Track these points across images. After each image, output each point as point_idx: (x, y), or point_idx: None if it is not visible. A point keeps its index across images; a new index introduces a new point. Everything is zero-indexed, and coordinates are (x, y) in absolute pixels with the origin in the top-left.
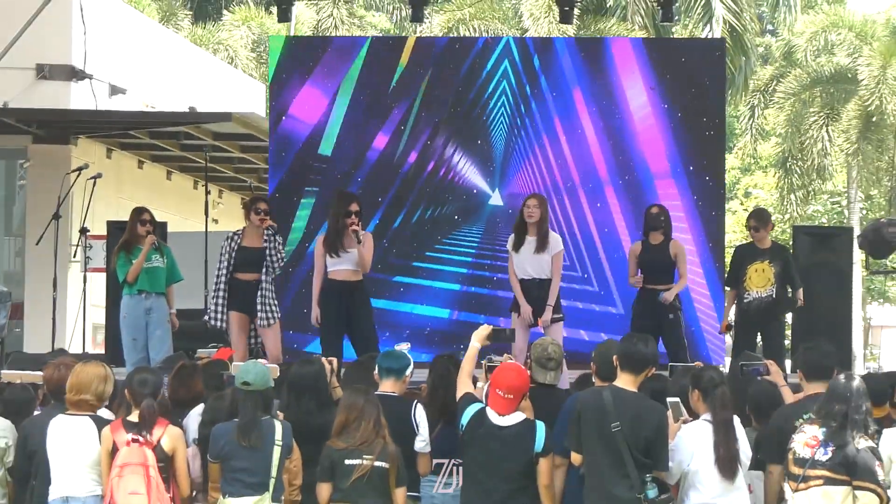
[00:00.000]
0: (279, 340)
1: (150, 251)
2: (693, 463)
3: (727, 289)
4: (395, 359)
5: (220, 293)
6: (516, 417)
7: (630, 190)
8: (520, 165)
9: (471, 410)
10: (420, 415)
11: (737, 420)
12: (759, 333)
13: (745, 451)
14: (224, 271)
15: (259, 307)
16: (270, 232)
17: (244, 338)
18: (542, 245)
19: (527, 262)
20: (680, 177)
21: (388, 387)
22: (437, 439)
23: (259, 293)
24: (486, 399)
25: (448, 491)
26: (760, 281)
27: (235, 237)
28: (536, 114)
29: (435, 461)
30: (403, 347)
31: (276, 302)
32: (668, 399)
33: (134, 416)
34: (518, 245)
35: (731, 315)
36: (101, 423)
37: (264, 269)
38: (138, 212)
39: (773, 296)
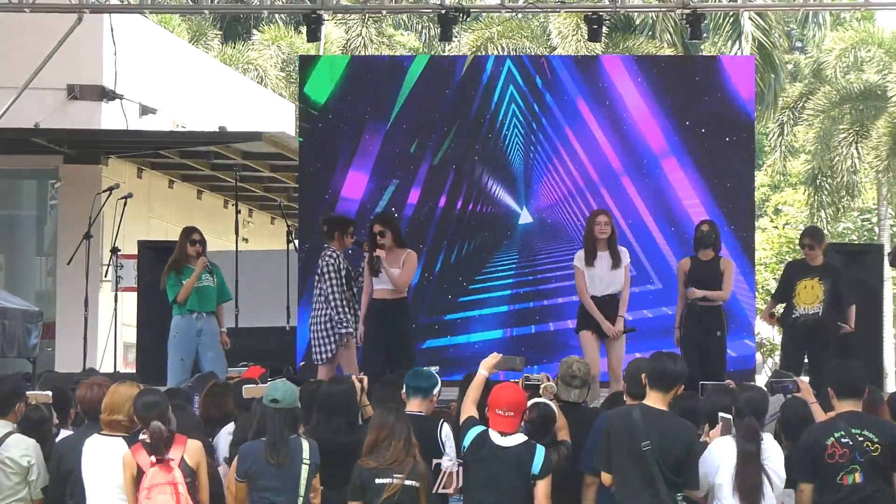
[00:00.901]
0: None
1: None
2: (718, 476)
3: (769, 300)
4: (422, 378)
5: (353, 309)
6: (517, 438)
7: (661, 213)
8: (542, 177)
9: (473, 432)
10: (447, 434)
11: (773, 440)
12: (806, 352)
13: (779, 473)
14: (344, 288)
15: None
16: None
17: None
18: (616, 261)
19: (600, 279)
20: (708, 195)
21: (414, 406)
22: None
23: (356, 310)
24: (487, 423)
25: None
26: (808, 298)
27: (340, 256)
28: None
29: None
30: (431, 368)
31: None
32: (721, 414)
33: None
34: (590, 261)
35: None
36: (134, 443)
37: (354, 289)
38: (188, 231)
39: (820, 314)
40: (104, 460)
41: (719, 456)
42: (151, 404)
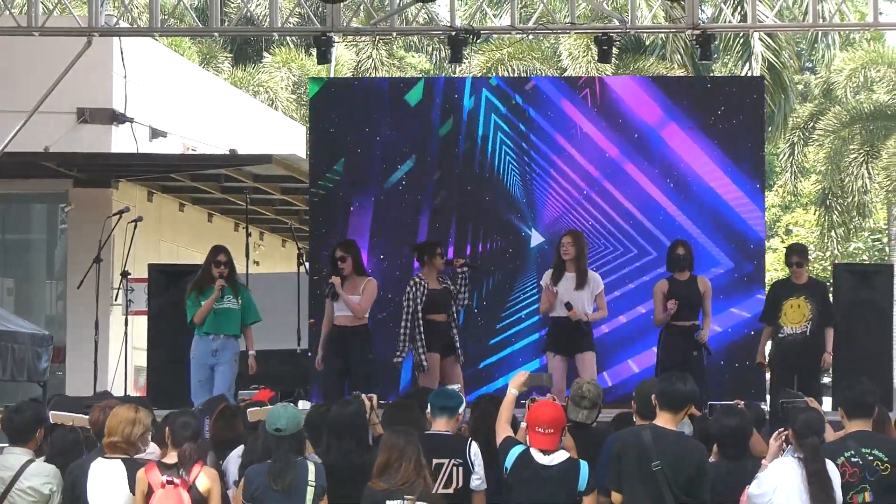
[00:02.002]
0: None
1: (223, 292)
2: (776, 497)
3: (763, 325)
4: (448, 397)
5: (420, 335)
6: (560, 456)
7: (668, 230)
8: (545, 194)
9: (514, 452)
10: (475, 452)
11: (831, 462)
12: (795, 371)
13: (838, 494)
14: (418, 314)
15: (457, 345)
16: (466, 271)
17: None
18: (581, 282)
19: (564, 299)
20: (719, 214)
21: (441, 425)
22: None
23: (455, 332)
24: (527, 441)
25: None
26: (795, 317)
27: (422, 282)
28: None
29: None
30: (454, 387)
31: None
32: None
33: (169, 458)
34: (556, 281)
35: (767, 351)
36: (132, 466)
37: (454, 309)
38: (214, 252)
39: (808, 333)
40: (104, 483)
41: (777, 478)
42: (187, 425)
